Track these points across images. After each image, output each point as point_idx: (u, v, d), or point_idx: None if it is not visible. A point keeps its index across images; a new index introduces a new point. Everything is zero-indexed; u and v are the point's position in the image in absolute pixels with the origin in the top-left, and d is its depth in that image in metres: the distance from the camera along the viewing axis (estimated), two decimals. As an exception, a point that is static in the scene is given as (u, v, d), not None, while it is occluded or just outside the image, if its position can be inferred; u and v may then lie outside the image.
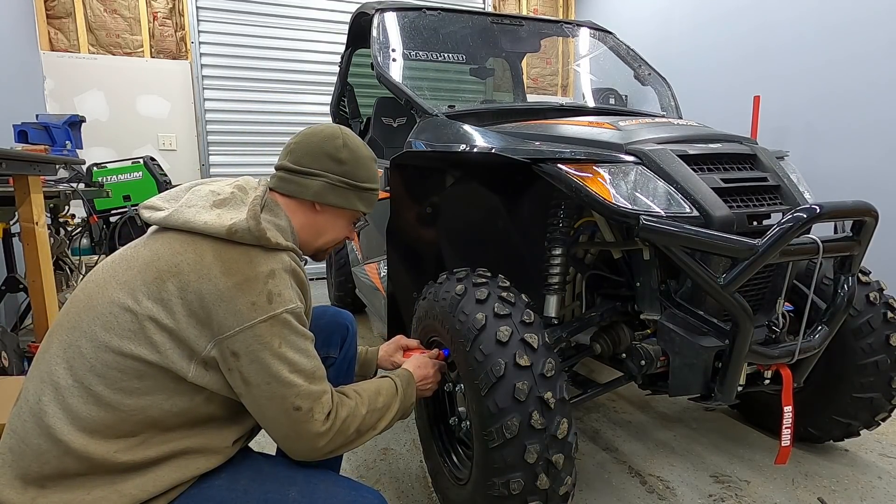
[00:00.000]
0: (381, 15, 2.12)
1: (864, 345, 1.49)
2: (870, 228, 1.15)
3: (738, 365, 1.16)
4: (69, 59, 3.69)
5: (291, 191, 1.00)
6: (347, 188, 1.02)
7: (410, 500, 1.52)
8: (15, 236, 2.35)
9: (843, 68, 2.97)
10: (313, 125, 1.06)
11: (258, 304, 0.81)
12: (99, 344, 0.78)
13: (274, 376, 0.81)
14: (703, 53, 3.87)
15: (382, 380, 1.06)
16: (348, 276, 3.07)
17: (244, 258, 0.83)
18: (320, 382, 0.87)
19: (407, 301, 1.81)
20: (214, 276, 0.80)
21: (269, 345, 0.81)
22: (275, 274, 0.84)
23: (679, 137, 1.38)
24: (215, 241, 0.83)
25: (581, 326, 1.49)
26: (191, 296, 0.79)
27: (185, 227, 0.83)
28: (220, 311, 0.79)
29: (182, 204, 0.87)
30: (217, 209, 0.86)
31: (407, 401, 1.07)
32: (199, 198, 0.88)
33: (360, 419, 0.93)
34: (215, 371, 0.82)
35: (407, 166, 1.64)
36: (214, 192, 0.89)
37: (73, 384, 0.77)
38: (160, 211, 0.88)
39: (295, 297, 0.87)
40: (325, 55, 4.27)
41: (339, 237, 1.09)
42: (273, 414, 0.83)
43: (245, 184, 0.95)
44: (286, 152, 1.02)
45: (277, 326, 0.82)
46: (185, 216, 0.84)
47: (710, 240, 1.11)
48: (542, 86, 5.26)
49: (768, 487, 1.56)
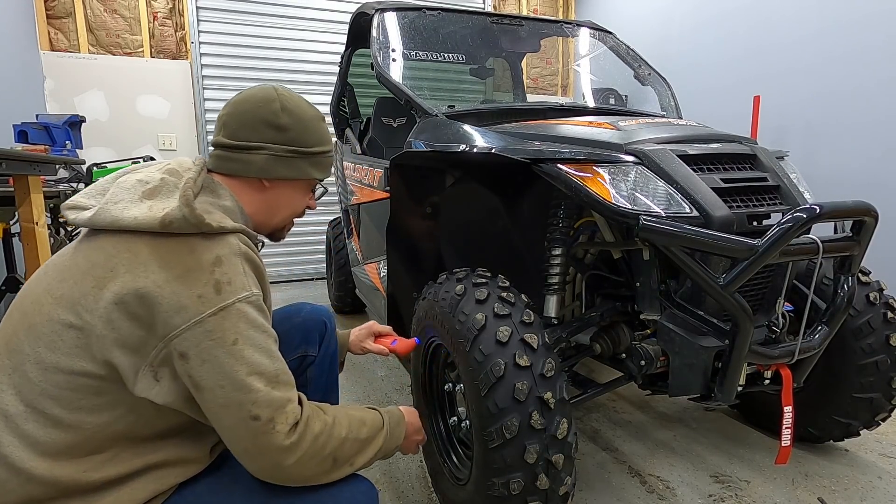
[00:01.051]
0: (381, 15, 2.12)
1: (864, 345, 1.49)
2: (870, 228, 1.15)
3: (737, 365, 1.16)
4: (69, 59, 3.69)
5: (233, 169, 0.88)
6: (296, 156, 0.91)
7: (410, 500, 1.52)
8: (15, 236, 2.35)
9: (844, 68, 2.96)
10: (244, 90, 0.92)
11: (205, 295, 0.71)
12: (46, 366, 0.71)
13: (228, 378, 0.71)
14: (703, 53, 3.87)
15: (369, 410, 0.92)
16: (348, 276, 3.07)
17: (184, 248, 0.74)
18: (285, 388, 0.76)
19: (407, 301, 1.81)
20: (152, 271, 0.71)
21: (222, 341, 0.71)
22: (221, 260, 0.74)
23: (679, 137, 1.38)
24: (150, 237, 0.74)
25: (581, 326, 1.49)
26: (129, 297, 0.70)
27: (113, 227, 0.74)
28: (162, 308, 0.70)
29: (107, 200, 0.76)
30: (147, 200, 0.76)
31: (392, 442, 0.92)
32: (124, 190, 0.77)
33: (337, 441, 0.80)
34: (167, 380, 0.73)
35: (407, 166, 1.64)
36: (142, 182, 0.79)
37: (26, 410, 0.71)
38: (85, 211, 0.77)
39: (250, 283, 0.77)
40: (325, 55, 4.26)
41: (298, 210, 0.99)
42: (229, 423, 0.73)
43: (178, 166, 0.84)
44: (219, 126, 0.90)
45: (231, 319, 0.72)
46: (111, 214, 0.74)
47: (710, 240, 1.11)
48: (542, 86, 5.26)
49: (768, 487, 1.56)
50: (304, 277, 4.49)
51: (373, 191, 2.19)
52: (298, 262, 4.46)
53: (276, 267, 4.37)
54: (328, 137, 0.97)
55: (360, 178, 2.42)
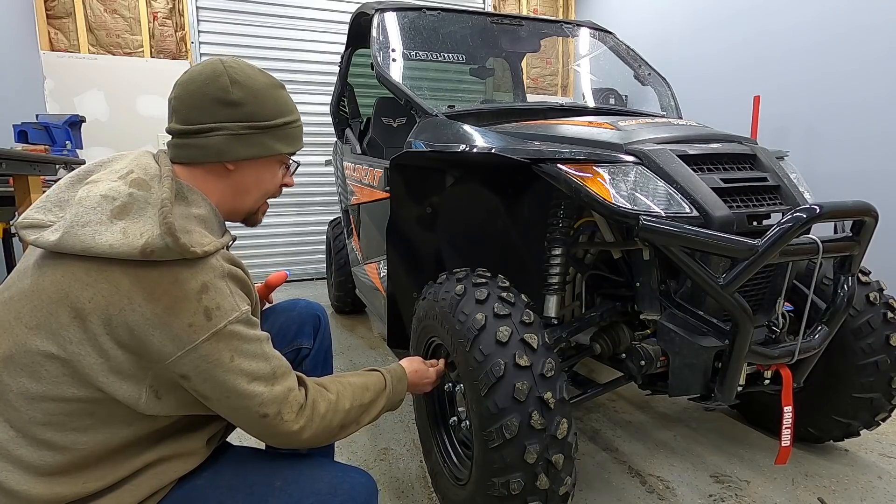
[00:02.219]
0: (381, 15, 2.12)
1: (864, 345, 1.49)
2: (870, 228, 1.15)
3: (737, 365, 1.16)
4: (69, 59, 3.69)
5: (191, 157, 0.83)
6: (255, 132, 0.84)
7: (410, 500, 1.52)
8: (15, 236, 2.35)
9: (844, 68, 2.97)
10: (189, 68, 0.85)
11: (196, 324, 0.71)
12: (32, 396, 0.69)
13: (231, 391, 0.75)
14: (704, 53, 3.87)
15: (371, 374, 1.02)
16: (348, 276, 3.07)
17: (168, 278, 0.70)
18: (283, 380, 0.80)
19: (407, 301, 1.81)
20: (138, 304, 0.69)
21: (220, 361, 0.73)
22: (207, 287, 0.73)
23: (679, 137, 1.38)
24: (127, 264, 0.69)
25: (581, 326, 1.49)
26: (118, 329, 0.69)
27: (85, 254, 0.68)
28: (154, 339, 0.69)
29: (73, 221, 0.69)
30: (118, 221, 0.70)
31: (396, 396, 1.03)
32: (89, 209, 0.70)
33: (343, 413, 0.88)
34: (169, 395, 0.75)
35: (407, 166, 1.64)
36: (108, 198, 0.71)
37: (17, 436, 0.69)
38: (45, 229, 0.71)
39: (238, 302, 0.77)
40: (325, 55, 4.27)
41: (270, 190, 0.93)
42: (241, 421, 0.79)
43: (143, 174, 0.76)
44: (170, 111, 0.84)
45: (224, 341, 0.73)
46: (82, 240, 0.68)
47: (710, 240, 1.11)
48: (542, 86, 5.26)
49: (768, 487, 1.56)
50: (304, 277, 4.50)
51: (373, 191, 2.19)
52: (298, 262, 4.46)
53: (276, 267, 4.37)
54: (290, 106, 0.90)
55: (360, 178, 2.42)
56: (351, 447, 1.80)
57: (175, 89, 0.84)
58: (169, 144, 0.86)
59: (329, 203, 4.45)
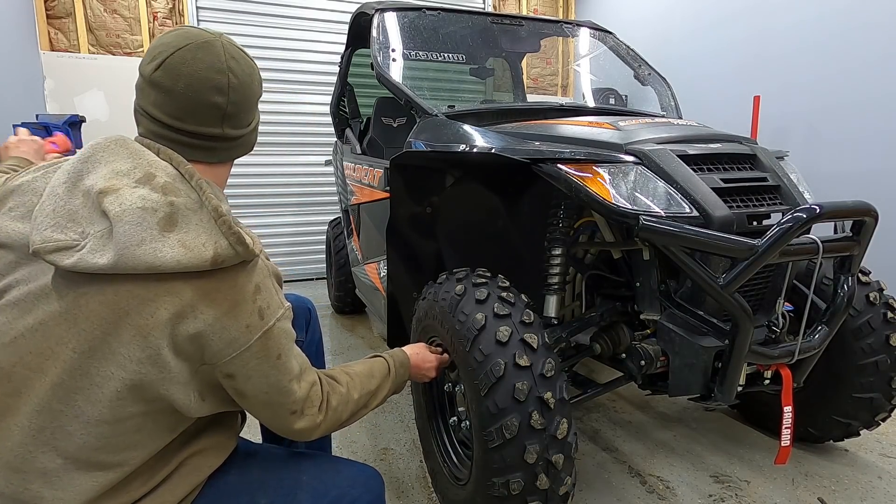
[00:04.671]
0: (381, 15, 2.12)
1: (864, 345, 1.49)
2: (869, 228, 1.15)
3: (737, 365, 1.16)
4: (69, 59, 3.69)
5: (227, 156, 0.84)
6: (256, 130, 0.89)
7: (410, 500, 1.52)
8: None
9: (844, 68, 2.96)
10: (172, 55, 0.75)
11: (252, 325, 0.73)
12: (88, 420, 0.68)
13: (273, 387, 0.78)
14: (704, 53, 3.87)
15: (375, 360, 1.07)
16: (348, 276, 3.07)
17: (228, 283, 0.72)
18: (308, 376, 0.84)
19: (407, 301, 1.81)
20: (200, 311, 0.70)
21: (267, 358, 0.76)
22: (260, 288, 0.76)
23: (679, 137, 1.38)
24: (189, 275, 0.69)
25: (581, 326, 1.49)
26: (179, 339, 0.69)
27: (151, 272, 0.67)
28: (213, 343, 0.71)
29: (126, 241, 0.65)
30: (170, 234, 0.68)
31: (399, 380, 1.08)
32: (136, 226, 0.66)
33: (352, 404, 0.93)
34: (211, 395, 0.78)
35: (407, 166, 1.64)
36: (149, 210, 0.68)
37: (67, 462, 0.69)
38: (74, 250, 0.66)
39: (281, 298, 0.80)
40: (325, 55, 4.26)
41: None
42: (269, 416, 0.82)
43: (166, 177, 0.72)
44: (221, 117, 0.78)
45: (274, 339, 0.76)
46: (145, 260, 0.66)
47: (710, 240, 1.11)
48: (542, 86, 5.26)
49: (768, 487, 1.56)
50: (304, 277, 4.49)
51: (373, 191, 2.19)
52: (298, 262, 4.46)
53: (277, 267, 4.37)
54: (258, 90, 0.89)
55: (360, 178, 2.42)
56: (351, 447, 1.80)
57: (230, 94, 0.78)
58: (170, 140, 0.77)
59: (329, 203, 4.45)
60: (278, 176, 4.29)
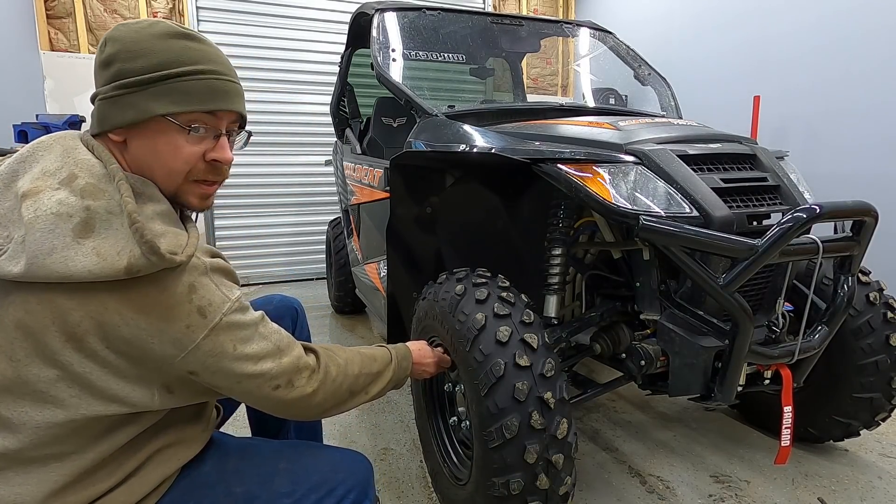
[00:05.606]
0: (381, 15, 2.12)
1: (864, 345, 1.49)
2: (869, 228, 1.15)
3: (737, 365, 1.16)
4: (69, 59, 3.69)
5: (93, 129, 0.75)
6: (126, 92, 0.71)
7: (410, 500, 1.52)
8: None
9: (844, 68, 2.96)
10: None
11: (193, 324, 0.70)
12: (38, 424, 0.67)
13: (241, 376, 0.76)
14: (704, 53, 3.87)
15: (378, 348, 1.06)
16: (348, 276, 3.07)
17: (154, 289, 0.68)
18: (289, 351, 0.81)
19: (407, 301, 1.81)
20: (129, 318, 0.66)
21: (224, 353, 0.73)
22: (195, 286, 0.71)
23: (679, 137, 1.38)
24: (111, 283, 0.65)
25: (581, 326, 1.49)
26: (116, 342, 0.67)
27: (63, 281, 0.63)
28: (155, 346, 0.68)
29: (35, 250, 0.62)
30: (85, 241, 0.64)
31: (401, 373, 1.06)
32: (48, 233, 0.63)
33: (352, 377, 0.91)
34: (181, 387, 0.75)
35: (407, 166, 1.64)
36: (63, 216, 0.64)
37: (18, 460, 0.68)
38: (0, 256, 0.64)
39: (226, 293, 0.75)
40: (325, 55, 4.26)
41: (179, 165, 0.75)
42: (255, 400, 0.81)
43: (89, 177, 0.67)
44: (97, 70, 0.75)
45: (223, 333, 0.73)
46: (54, 269, 0.62)
47: (710, 240, 1.11)
48: (542, 86, 5.26)
49: (768, 487, 1.56)
50: (304, 277, 4.49)
51: (373, 191, 2.19)
52: (298, 262, 4.46)
53: (276, 267, 4.38)
54: (182, 56, 0.73)
55: (360, 178, 2.42)
56: (351, 447, 1.80)
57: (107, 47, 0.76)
58: None
59: (329, 203, 4.45)
60: (278, 176, 4.29)
